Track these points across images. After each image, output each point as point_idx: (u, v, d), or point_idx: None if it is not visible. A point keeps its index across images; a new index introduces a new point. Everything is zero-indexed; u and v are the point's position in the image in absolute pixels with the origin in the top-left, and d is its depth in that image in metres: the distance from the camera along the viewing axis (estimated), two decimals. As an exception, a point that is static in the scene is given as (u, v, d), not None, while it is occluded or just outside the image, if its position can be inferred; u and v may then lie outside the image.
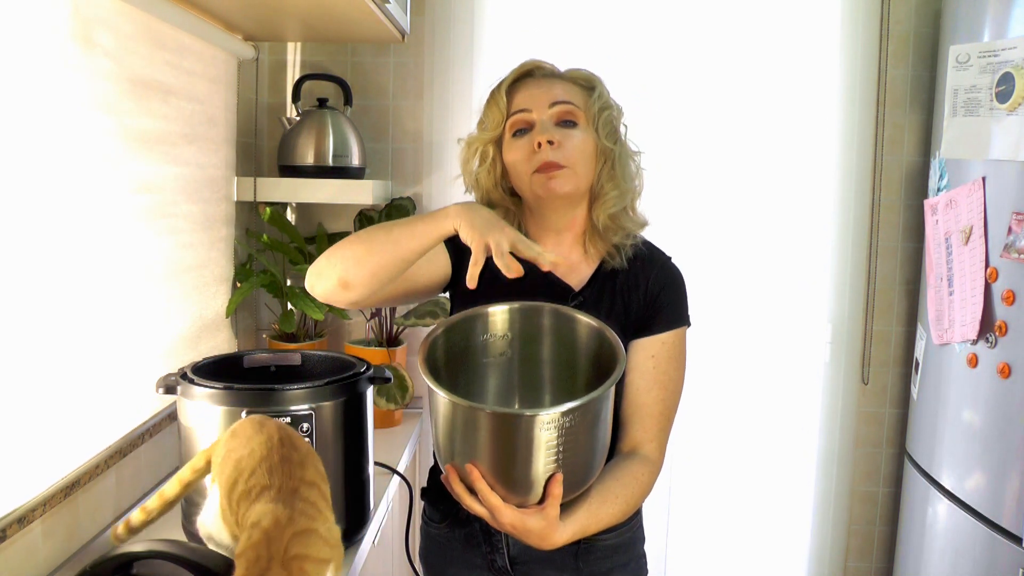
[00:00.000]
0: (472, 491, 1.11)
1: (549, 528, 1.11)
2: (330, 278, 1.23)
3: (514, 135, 1.31)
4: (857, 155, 2.29)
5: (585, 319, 1.23)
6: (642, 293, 1.32)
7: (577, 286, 1.34)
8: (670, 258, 1.38)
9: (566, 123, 1.29)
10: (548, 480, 1.08)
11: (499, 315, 1.25)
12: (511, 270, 1.10)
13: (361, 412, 1.37)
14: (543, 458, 1.06)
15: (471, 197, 1.42)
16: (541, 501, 1.10)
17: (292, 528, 0.92)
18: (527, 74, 1.35)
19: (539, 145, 1.27)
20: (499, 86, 1.34)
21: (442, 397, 1.08)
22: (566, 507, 1.14)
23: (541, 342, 1.27)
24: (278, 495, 0.96)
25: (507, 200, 1.37)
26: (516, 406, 1.29)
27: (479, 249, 1.11)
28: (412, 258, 1.21)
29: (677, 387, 1.33)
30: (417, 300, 1.44)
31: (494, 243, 1.11)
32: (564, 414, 1.04)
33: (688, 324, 1.35)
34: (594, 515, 1.18)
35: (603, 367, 1.17)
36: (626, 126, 1.37)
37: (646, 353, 1.30)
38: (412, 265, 1.23)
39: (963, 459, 1.89)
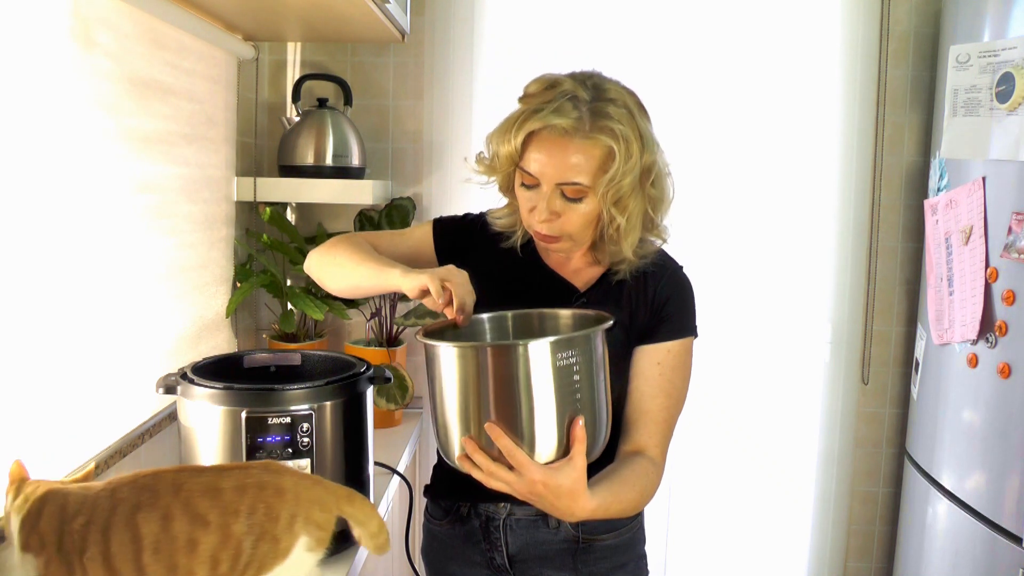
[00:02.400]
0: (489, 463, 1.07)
1: (579, 484, 1.07)
2: (313, 275, 1.41)
3: (522, 184, 1.26)
4: (857, 155, 2.29)
5: (565, 311, 1.24)
6: (649, 300, 1.31)
7: (583, 287, 1.33)
8: (681, 267, 1.36)
9: (572, 199, 1.22)
10: (568, 428, 1.07)
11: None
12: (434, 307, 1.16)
13: (361, 412, 1.37)
14: (555, 397, 1.06)
15: (484, 196, 1.41)
16: (564, 454, 1.07)
17: None
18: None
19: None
20: (517, 128, 1.21)
21: (443, 350, 1.09)
22: (588, 482, 1.11)
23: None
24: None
25: (517, 203, 1.33)
26: None
27: (422, 287, 1.16)
28: (373, 293, 1.34)
29: (681, 396, 1.32)
30: (388, 295, 1.47)
31: (428, 285, 1.15)
32: (557, 343, 1.06)
33: (695, 335, 1.33)
34: (616, 495, 1.15)
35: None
36: (663, 156, 1.27)
37: (652, 360, 1.29)
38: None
39: (963, 459, 1.89)
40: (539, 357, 1.05)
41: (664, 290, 1.31)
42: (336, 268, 1.34)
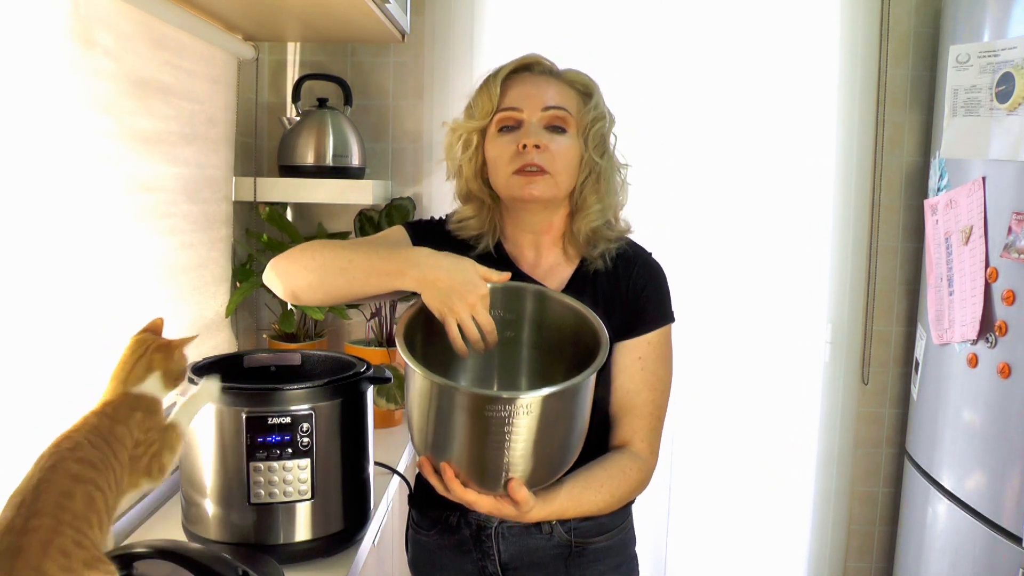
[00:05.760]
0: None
1: (521, 513, 1.12)
2: (279, 288, 1.27)
3: (500, 130, 1.28)
4: (857, 155, 2.29)
5: (569, 302, 1.21)
6: (624, 292, 1.30)
7: (557, 288, 1.31)
8: (651, 253, 1.36)
9: (555, 128, 1.26)
10: (506, 484, 1.08)
11: None
12: (460, 350, 1.13)
13: (361, 412, 1.37)
14: (520, 443, 1.05)
15: (453, 185, 1.39)
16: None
17: None
18: (524, 68, 1.31)
19: (524, 147, 1.24)
20: (494, 76, 1.29)
21: (419, 375, 1.06)
22: (548, 487, 1.14)
23: (522, 325, 1.24)
24: None
25: (485, 193, 1.33)
26: (495, 388, 1.27)
27: (444, 321, 1.13)
28: (364, 298, 1.24)
29: (666, 386, 1.31)
30: (387, 300, 1.44)
31: (455, 319, 1.12)
32: (546, 399, 1.03)
33: (672, 320, 1.33)
34: (575, 499, 1.19)
35: (586, 349, 1.15)
36: (616, 136, 1.33)
37: (633, 355, 1.28)
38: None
39: (963, 459, 1.89)
40: (520, 408, 1.03)
41: (637, 279, 1.31)
42: (314, 278, 1.22)
